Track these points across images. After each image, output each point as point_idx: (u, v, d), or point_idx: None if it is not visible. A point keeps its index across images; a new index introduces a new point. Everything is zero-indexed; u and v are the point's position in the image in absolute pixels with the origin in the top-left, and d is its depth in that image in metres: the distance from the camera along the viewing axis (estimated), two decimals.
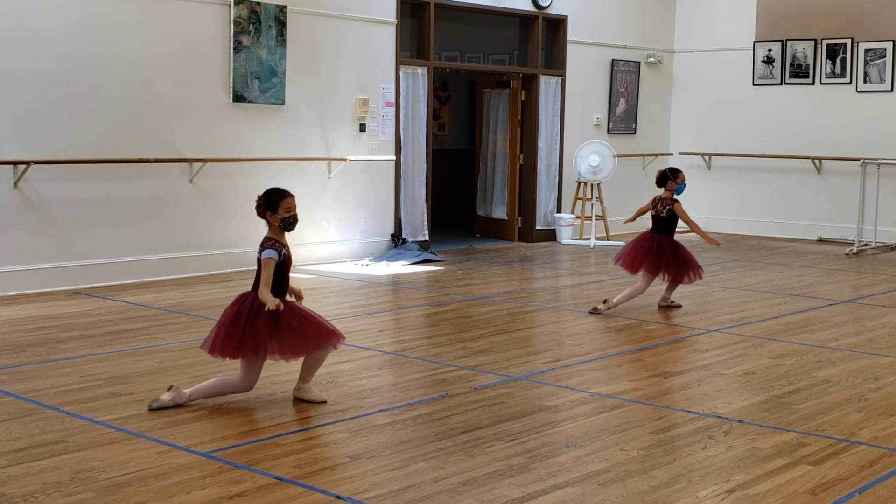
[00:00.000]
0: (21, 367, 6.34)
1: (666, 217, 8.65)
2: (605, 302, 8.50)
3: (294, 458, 4.71)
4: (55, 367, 6.34)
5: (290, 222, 5.53)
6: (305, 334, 5.50)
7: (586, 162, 13.49)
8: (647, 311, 8.63)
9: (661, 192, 8.80)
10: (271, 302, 5.30)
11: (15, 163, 8.75)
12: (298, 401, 5.63)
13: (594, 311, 8.45)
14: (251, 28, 10.28)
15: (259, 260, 5.47)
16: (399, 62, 11.85)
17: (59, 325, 7.65)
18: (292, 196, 5.57)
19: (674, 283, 8.76)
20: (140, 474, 4.44)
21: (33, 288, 8.90)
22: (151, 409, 5.40)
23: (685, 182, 8.81)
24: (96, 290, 9.09)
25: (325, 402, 5.61)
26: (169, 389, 5.50)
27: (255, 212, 5.59)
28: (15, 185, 8.79)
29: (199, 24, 10.01)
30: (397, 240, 11.90)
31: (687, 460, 4.75)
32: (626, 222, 9.36)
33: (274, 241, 5.50)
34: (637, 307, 8.69)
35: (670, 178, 8.70)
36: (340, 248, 11.35)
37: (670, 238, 8.68)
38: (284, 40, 10.57)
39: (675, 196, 8.71)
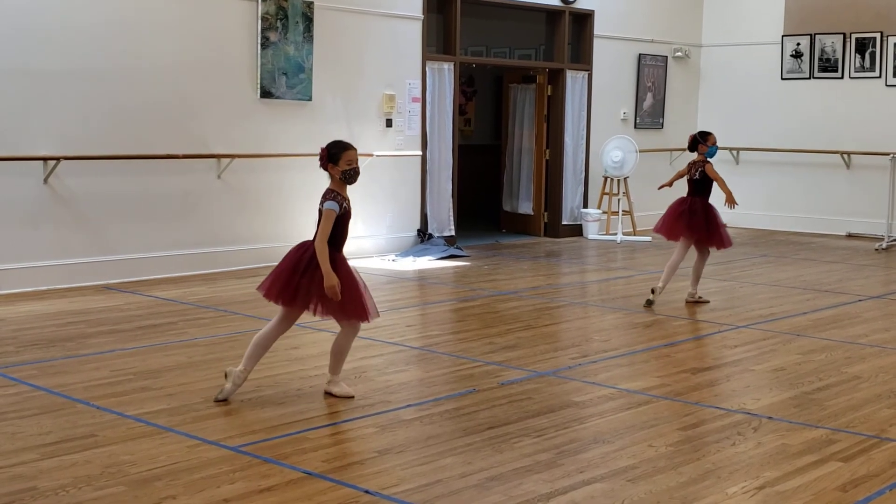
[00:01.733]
0: (51, 362, 6.39)
1: (699, 179, 8.69)
2: (653, 292, 8.51)
3: (322, 453, 4.73)
4: (85, 362, 6.39)
5: (350, 175, 5.56)
6: (348, 303, 5.50)
7: (609, 157, 13.44)
8: (674, 306, 8.59)
9: (695, 156, 8.82)
10: (332, 279, 5.33)
11: (45, 159, 8.82)
12: (328, 395, 5.65)
13: (649, 304, 8.50)
14: (278, 24, 10.31)
15: (320, 211, 5.49)
16: (425, 57, 11.85)
17: (88, 319, 7.71)
18: (354, 149, 5.61)
19: (702, 248, 8.72)
20: (170, 468, 4.47)
21: (63, 283, 8.97)
22: (218, 401, 5.48)
23: (716, 145, 8.81)
24: (125, 286, 9.15)
25: (352, 397, 5.63)
26: (226, 377, 5.56)
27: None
28: (45, 181, 8.86)
29: (227, 21, 10.04)
30: (423, 235, 11.90)
31: (716, 457, 4.73)
32: (660, 188, 9.30)
33: (336, 193, 5.52)
34: (665, 303, 8.66)
35: (700, 142, 8.73)
36: (367, 243, 11.37)
37: (704, 200, 8.70)
38: (311, 36, 10.59)
39: (708, 159, 8.73)
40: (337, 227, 5.48)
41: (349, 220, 5.59)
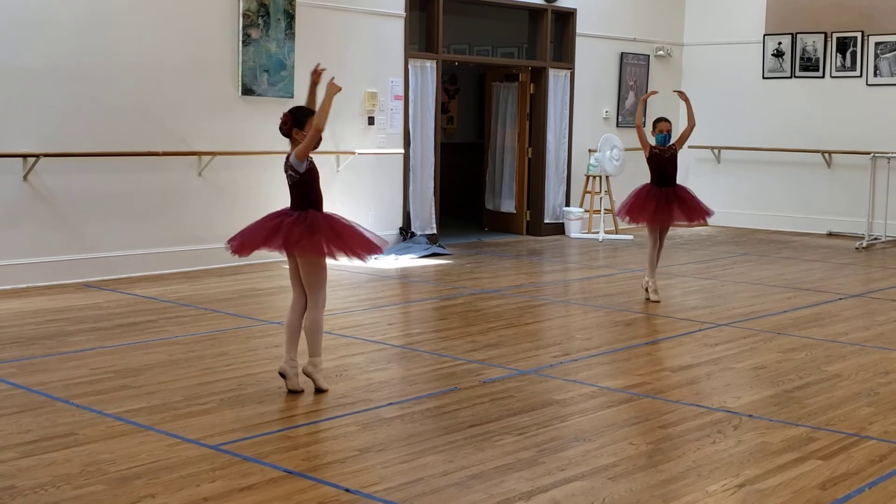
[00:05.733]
0: (31, 360, 6.35)
1: (655, 167, 8.73)
2: (647, 291, 8.61)
3: (303, 451, 4.72)
4: (65, 360, 6.36)
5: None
6: (355, 240, 5.57)
7: (609, 155, 13.41)
8: (655, 305, 8.60)
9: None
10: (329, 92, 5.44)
11: (24, 156, 8.77)
12: (306, 376, 5.70)
13: (656, 301, 8.61)
14: (260, 21, 10.28)
15: (289, 174, 5.56)
16: (408, 55, 11.84)
17: (68, 317, 7.66)
18: None
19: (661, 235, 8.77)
20: (150, 467, 4.45)
21: (43, 281, 8.92)
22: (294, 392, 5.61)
23: (664, 133, 8.69)
24: (105, 283, 9.11)
25: (326, 390, 5.65)
26: (284, 376, 5.64)
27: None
28: (24, 178, 8.81)
29: (209, 18, 10.01)
30: (406, 233, 11.89)
31: (696, 455, 4.74)
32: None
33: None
34: (646, 301, 8.68)
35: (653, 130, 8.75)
36: None
37: (672, 188, 8.70)
38: (293, 33, 10.56)
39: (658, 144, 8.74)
40: (307, 186, 5.57)
41: (318, 177, 5.66)
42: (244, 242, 5.63)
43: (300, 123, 5.55)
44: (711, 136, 15.07)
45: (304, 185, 5.60)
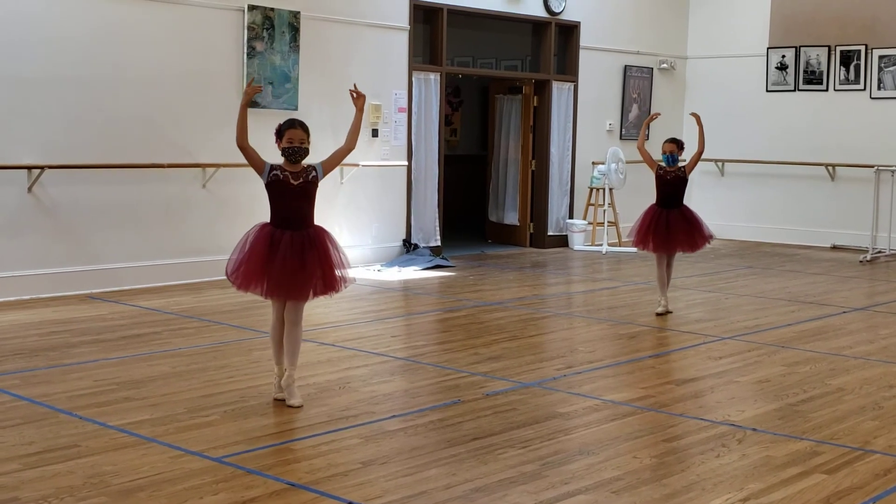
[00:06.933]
0: (34, 372, 6.35)
1: (659, 187, 8.77)
2: (665, 308, 8.61)
3: (306, 464, 4.71)
4: (68, 372, 6.36)
5: (288, 153, 5.78)
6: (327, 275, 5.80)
7: (615, 168, 13.39)
8: (660, 318, 8.59)
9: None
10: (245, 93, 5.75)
11: (29, 167, 8.78)
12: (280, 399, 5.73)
13: (660, 313, 8.62)
14: (265, 34, 10.30)
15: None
16: (412, 68, 11.86)
17: (72, 329, 7.66)
18: (299, 129, 5.81)
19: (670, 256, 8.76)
20: (153, 479, 4.44)
21: (47, 292, 8.92)
22: (297, 407, 5.60)
23: (668, 153, 8.81)
24: (109, 295, 9.11)
25: (300, 406, 5.63)
26: (282, 389, 5.67)
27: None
28: (29, 189, 8.82)
29: (213, 30, 10.03)
30: (409, 245, 11.89)
31: (700, 468, 4.73)
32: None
33: (273, 165, 5.82)
34: (649, 314, 8.67)
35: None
36: (352, 253, 11.30)
37: (677, 210, 8.70)
38: (298, 46, 10.58)
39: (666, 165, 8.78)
40: (275, 197, 5.78)
41: (288, 190, 5.78)
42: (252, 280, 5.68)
43: (279, 135, 5.78)
44: (715, 149, 15.01)
45: (269, 197, 5.74)
